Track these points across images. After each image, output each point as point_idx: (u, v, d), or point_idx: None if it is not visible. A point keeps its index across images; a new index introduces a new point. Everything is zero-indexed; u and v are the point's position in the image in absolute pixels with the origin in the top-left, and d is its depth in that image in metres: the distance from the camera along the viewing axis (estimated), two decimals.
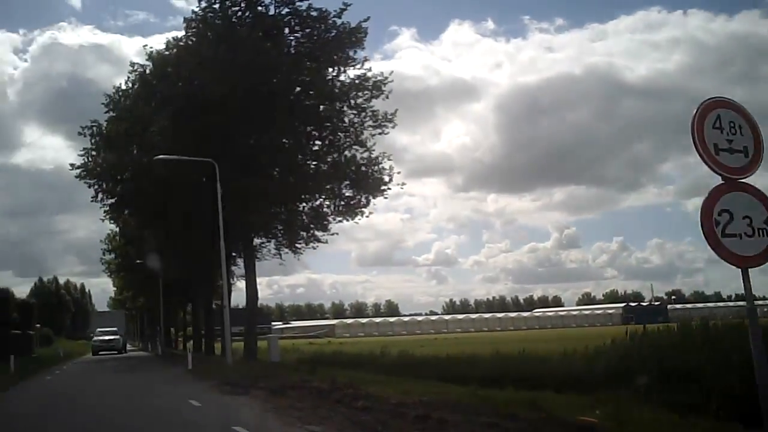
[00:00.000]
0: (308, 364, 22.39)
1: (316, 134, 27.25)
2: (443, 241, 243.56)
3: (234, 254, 33.56)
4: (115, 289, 66.47)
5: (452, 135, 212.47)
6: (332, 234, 28.41)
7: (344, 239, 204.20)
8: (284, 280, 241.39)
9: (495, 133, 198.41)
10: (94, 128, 30.08)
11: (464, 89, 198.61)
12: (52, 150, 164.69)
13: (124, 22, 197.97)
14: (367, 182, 26.67)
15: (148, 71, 25.70)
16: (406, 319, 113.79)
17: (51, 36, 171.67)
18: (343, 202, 27.35)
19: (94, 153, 29.97)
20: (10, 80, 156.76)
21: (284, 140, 26.45)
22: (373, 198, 27.21)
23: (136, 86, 27.00)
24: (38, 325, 69.61)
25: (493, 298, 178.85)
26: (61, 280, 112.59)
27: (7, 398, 16.75)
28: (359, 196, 27.15)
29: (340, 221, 27.79)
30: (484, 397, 10.61)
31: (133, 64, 25.97)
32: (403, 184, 27.33)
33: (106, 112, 29.68)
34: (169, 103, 24.79)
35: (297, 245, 29.20)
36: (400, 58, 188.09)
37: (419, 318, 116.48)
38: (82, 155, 30.67)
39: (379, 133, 26.60)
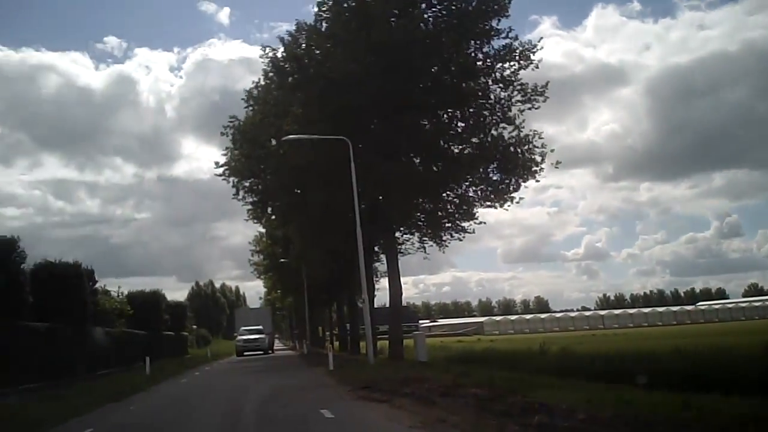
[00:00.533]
0: (459, 364, 20.38)
1: (459, 114, 24.86)
2: (593, 234, 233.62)
3: (377, 249, 32.04)
4: (265, 289, 67.83)
5: (600, 123, 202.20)
6: (479, 223, 25.89)
7: (490, 236, 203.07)
8: (430, 279, 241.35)
9: (646, 118, 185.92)
10: (234, 125, 29.68)
11: (611, 74, 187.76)
12: (208, 160, 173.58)
13: (270, 34, 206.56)
14: (517, 164, 23.88)
15: (279, 55, 24.49)
16: (558, 315, 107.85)
17: (203, 52, 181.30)
18: (490, 188, 24.74)
19: (235, 151, 29.57)
20: (168, 97, 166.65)
21: (424, 122, 24.28)
22: (524, 181, 24.41)
23: (269, 73, 25.95)
24: (194, 327, 73.40)
25: (651, 292, 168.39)
26: (217, 284, 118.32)
27: (131, 402, 15.84)
28: (508, 180, 24.41)
29: (489, 206, 25.17)
30: (700, 410, 7.81)
31: (264, 48, 24.85)
32: (558, 163, 24.23)
33: (245, 107, 29.20)
34: (302, 87, 23.41)
35: (442, 237, 27.01)
36: (542, 48, 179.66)
37: (572, 314, 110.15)
38: (224, 154, 30.52)
39: (529, 108, 23.75)
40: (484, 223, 26.16)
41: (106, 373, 24.65)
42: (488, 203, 24.91)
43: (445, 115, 24.75)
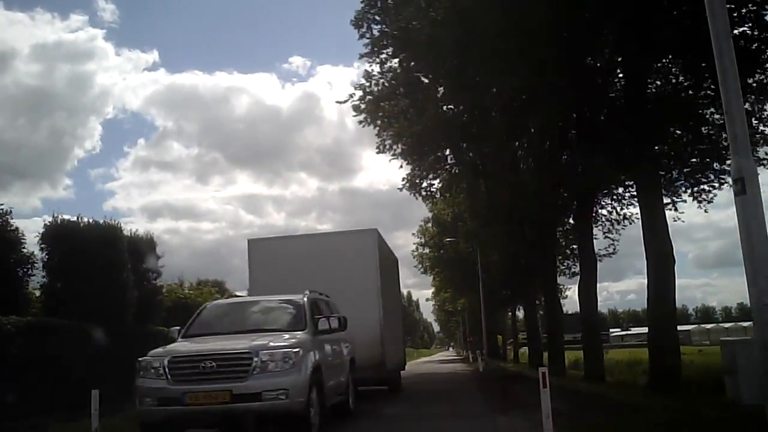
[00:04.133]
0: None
1: None
2: None
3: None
4: (433, 288, 58.73)
5: None
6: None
7: (681, 239, 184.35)
8: (614, 286, 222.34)
9: None
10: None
11: None
12: (387, 171, 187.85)
13: None
14: None
15: None
16: None
17: None
18: None
19: (375, 73, 20.67)
20: (348, 110, 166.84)
21: None
22: None
23: None
24: None
25: None
26: None
27: None
28: None
29: None
30: None
31: None
32: None
33: None
34: None
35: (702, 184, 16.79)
36: None
37: None
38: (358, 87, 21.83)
39: None
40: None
41: None
42: None
43: None
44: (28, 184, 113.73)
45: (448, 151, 23.95)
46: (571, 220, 23.96)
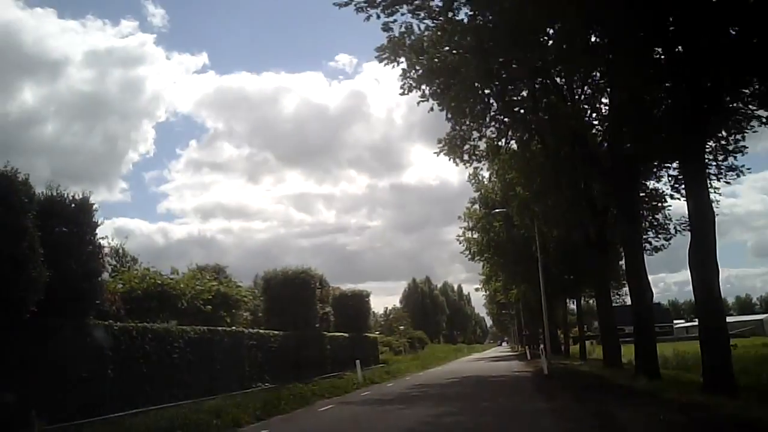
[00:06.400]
0: None
1: None
2: None
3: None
4: (482, 278, 53.12)
5: None
6: None
7: (738, 228, 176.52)
8: (671, 277, 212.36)
9: None
10: None
11: None
12: (436, 166, 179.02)
13: None
14: None
15: None
16: None
17: None
18: None
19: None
20: (396, 106, 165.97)
21: None
22: None
23: None
24: (401, 327, 62.19)
25: None
26: (439, 283, 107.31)
27: None
28: None
29: None
30: None
31: None
32: None
33: None
34: None
35: None
36: None
37: None
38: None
39: None
40: None
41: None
42: None
43: None
44: (85, 188, 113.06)
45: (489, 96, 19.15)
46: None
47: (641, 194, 21.19)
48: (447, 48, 17.14)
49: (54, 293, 10.54)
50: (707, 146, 15.72)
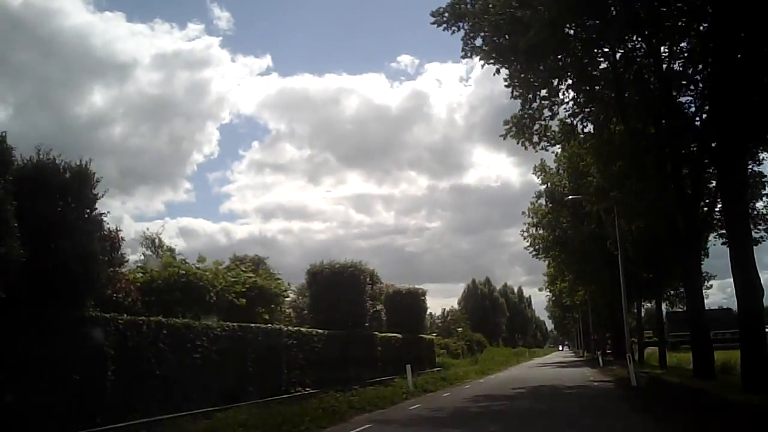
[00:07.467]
0: None
1: None
2: None
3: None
4: (546, 277, 50.04)
5: None
6: None
7: None
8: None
9: None
10: None
11: None
12: (497, 167, 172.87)
13: None
14: None
15: None
16: None
17: None
18: None
19: None
20: (458, 106, 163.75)
21: None
22: None
23: None
24: (459, 329, 59.50)
25: None
26: (499, 285, 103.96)
27: None
28: None
29: None
30: None
31: None
32: None
33: None
34: None
35: None
36: None
37: None
38: None
39: None
40: None
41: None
42: None
43: None
44: (151, 188, 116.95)
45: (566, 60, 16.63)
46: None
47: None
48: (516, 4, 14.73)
49: (35, 277, 8.65)
50: None
